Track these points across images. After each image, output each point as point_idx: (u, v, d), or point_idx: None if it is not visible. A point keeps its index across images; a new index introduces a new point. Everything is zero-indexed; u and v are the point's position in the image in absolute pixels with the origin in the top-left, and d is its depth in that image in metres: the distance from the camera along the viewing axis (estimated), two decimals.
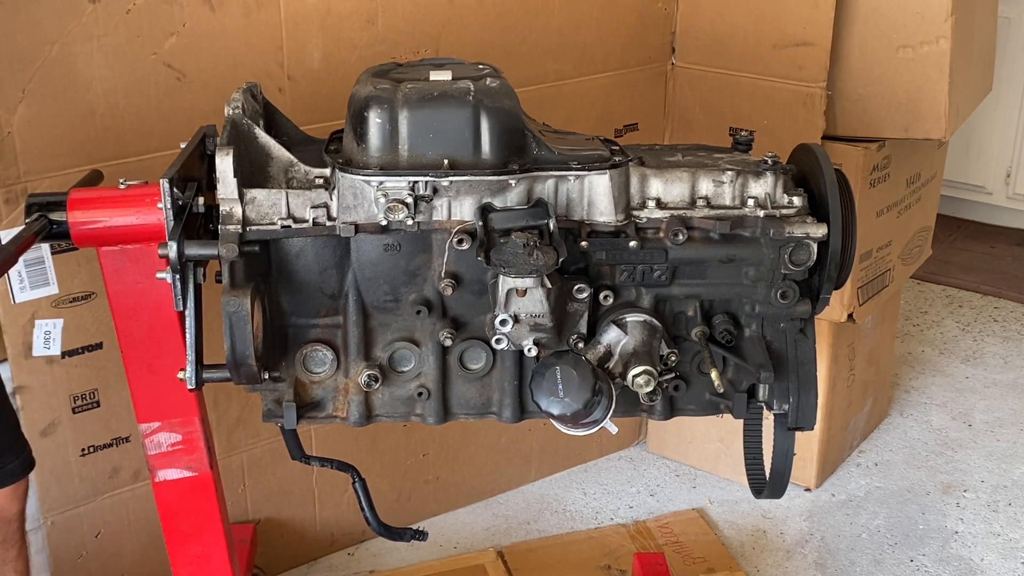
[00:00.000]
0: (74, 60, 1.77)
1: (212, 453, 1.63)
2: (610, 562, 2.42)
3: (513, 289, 1.39)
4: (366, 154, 1.40)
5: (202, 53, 1.88)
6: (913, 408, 3.07)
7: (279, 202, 1.41)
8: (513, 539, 2.50)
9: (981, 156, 4.09)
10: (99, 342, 1.94)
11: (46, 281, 1.86)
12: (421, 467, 2.50)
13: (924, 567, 2.43)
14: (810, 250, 1.48)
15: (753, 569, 2.42)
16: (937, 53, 2.18)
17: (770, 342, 1.54)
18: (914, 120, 2.27)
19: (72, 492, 2.02)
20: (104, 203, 1.46)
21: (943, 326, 3.53)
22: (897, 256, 2.63)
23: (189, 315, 1.39)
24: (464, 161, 1.40)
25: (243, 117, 1.45)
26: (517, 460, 2.66)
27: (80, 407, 1.97)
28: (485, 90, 1.42)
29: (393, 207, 1.38)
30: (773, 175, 1.49)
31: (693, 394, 1.57)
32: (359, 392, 1.52)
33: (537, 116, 1.55)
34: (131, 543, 2.12)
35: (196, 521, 1.64)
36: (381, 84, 1.43)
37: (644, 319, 1.49)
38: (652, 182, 1.48)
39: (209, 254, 1.36)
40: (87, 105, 1.81)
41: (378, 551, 2.44)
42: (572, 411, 1.38)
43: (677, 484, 2.72)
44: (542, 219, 1.42)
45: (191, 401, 1.57)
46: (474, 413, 1.56)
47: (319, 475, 2.34)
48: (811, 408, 1.52)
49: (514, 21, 2.24)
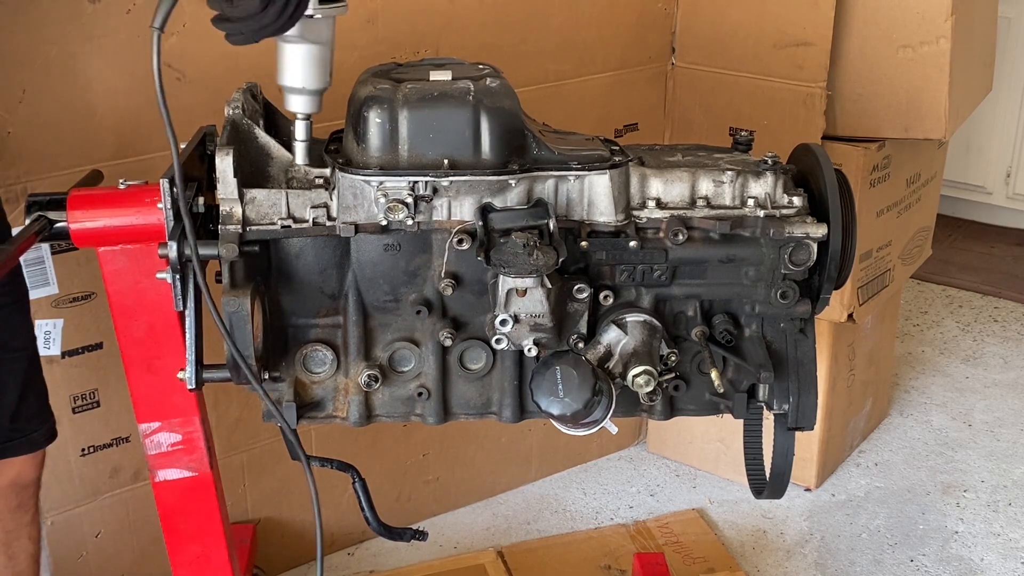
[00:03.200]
0: (74, 60, 1.77)
1: (212, 453, 1.63)
2: (610, 562, 2.42)
3: (513, 289, 1.39)
4: (366, 154, 1.40)
5: (202, 53, 1.88)
6: (913, 408, 3.07)
7: (279, 202, 1.41)
8: (513, 539, 2.50)
9: (981, 156, 4.09)
10: (99, 342, 1.94)
11: (46, 281, 1.86)
12: (421, 467, 2.50)
13: (924, 567, 2.43)
14: (810, 250, 1.48)
15: (753, 569, 2.42)
16: (937, 53, 2.18)
17: (770, 342, 1.54)
18: (914, 120, 2.27)
19: (72, 492, 2.02)
20: (104, 203, 1.46)
21: (943, 326, 3.53)
22: (897, 256, 2.63)
23: (189, 315, 1.39)
24: (464, 161, 1.40)
25: (243, 117, 1.45)
26: (517, 460, 2.66)
27: (80, 407, 1.97)
28: (485, 90, 1.42)
29: (393, 207, 1.38)
30: (773, 175, 1.49)
31: (693, 394, 1.57)
32: (359, 392, 1.52)
33: (537, 116, 1.55)
34: (131, 543, 2.12)
35: (196, 521, 1.64)
36: (381, 84, 1.43)
37: (644, 319, 1.49)
38: (652, 182, 1.48)
39: (209, 254, 1.36)
40: (87, 105, 1.81)
41: (378, 551, 2.44)
42: (572, 411, 1.38)
43: (677, 484, 2.72)
44: (542, 219, 1.42)
45: (191, 401, 1.57)
46: (474, 413, 1.56)
47: (319, 475, 2.33)
48: (811, 408, 1.52)
49: (514, 21, 2.24)
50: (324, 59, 1.41)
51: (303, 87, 1.42)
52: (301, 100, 1.43)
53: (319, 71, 1.42)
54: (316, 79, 1.42)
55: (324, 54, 1.41)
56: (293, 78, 1.41)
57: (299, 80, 1.41)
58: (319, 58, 1.41)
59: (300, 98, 1.43)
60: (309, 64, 1.40)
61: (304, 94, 1.42)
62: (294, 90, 1.42)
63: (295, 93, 1.43)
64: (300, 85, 1.42)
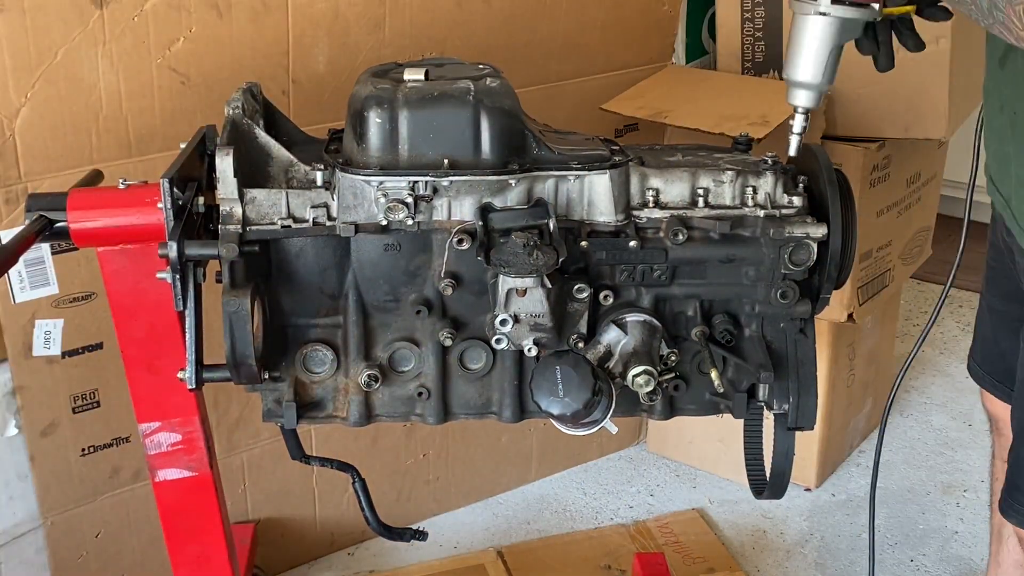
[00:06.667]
0: (79, 65, 1.77)
1: (212, 453, 1.63)
2: (610, 562, 2.42)
3: (513, 289, 1.39)
4: (366, 154, 1.40)
5: (207, 58, 1.88)
6: (913, 408, 3.07)
7: (279, 202, 1.41)
8: (513, 539, 2.50)
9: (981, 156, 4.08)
10: (99, 342, 1.94)
11: (46, 281, 1.86)
12: (421, 467, 2.50)
13: (924, 567, 2.43)
14: (810, 250, 1.48)
15: (753, 569, 2.42)
16: (937, 53, 2.18)
17: (770, 342, 1.54)
18: (914, 120, 2.27)
19: (72, 492, 2.02)
20: (104, 203, 1.46)
21: (943, 326, 3.53)
22: (897, 256, 2.63)
23: (189, 315, 1.39)
24: (464, 161, 1.40)
25: (243, 117, 1.45)
26: (517, 460, 2.66)
27: (80, 407, 1.97)
28: (485, 90, 1.42)
29: (393, 207, 1.38)
30: (773, 175, 1.49)
31: (693, 394, 1.57)
32: (359, 392, 1.52)
33: (539, 116, 1.55)
34: (131, 543, 2.12)
35: (196, 521, 1.64)
36: (381, 84, 1.43)
37: (644, 319, 1.49)
38: (652, 182, 1.48)
39: (209, 254, 1.36)
40: (90, 108, 1.81)
41: (378, 551, 2.44)
42: (572, 411, 1.38)
43: (677, 484, 2.72)
44: (542, 219, 1.42)
45: (191, 401, 1.57)
46: (474, 413, 1.56)
47: (319, 475, 2.34)
48: (811, 408, 1.52)
49: (520, 24, 2.24)
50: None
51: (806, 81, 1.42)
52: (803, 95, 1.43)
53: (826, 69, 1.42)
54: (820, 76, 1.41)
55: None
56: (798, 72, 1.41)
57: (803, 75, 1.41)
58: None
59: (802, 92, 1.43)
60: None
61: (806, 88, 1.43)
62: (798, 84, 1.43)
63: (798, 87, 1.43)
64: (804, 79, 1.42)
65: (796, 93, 1.44)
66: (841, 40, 1.39)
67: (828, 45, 1.39)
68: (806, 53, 1.39)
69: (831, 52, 1.39)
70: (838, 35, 1.38)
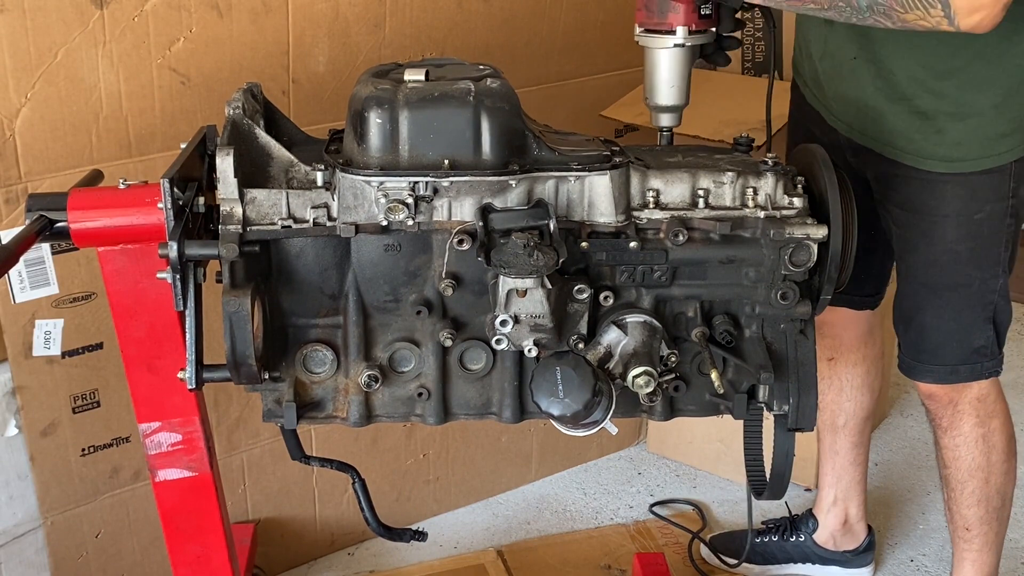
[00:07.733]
0: (79, 65, 1.77)
1: (212, 453, 1.63)
2: (610, 562, 2.42)
3: (513, 290, 1.39)
4: (366, 154, 1.40)
5: (207, 58, 1.88)
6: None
7: (279, 202, 1.41)
8: (513, 539, 2.50)
9: None
10: (99, 342, 1.94)
11: (46, 281, 1.86)
12: (421, 467, 2.50)
13: (924, 567, 2.43)
14: (810, 251, 1.48)
15: None
16: None
17: (770, 343, 1.53)
18: None
19: (72, 492, 2.02)
20: (104, 203, 1.46)
21: None
22: None
23: (189, 315, 1.39)
24: (464, 161, 1.40)
25: (243, 117, 1.45)
26: (517, 460, 2.66)
27: (80, 407, 1.97)
28: (486, 91, 1.42)
29: (393, 207, 1.38)
30: (773, 176, 1.49)
31: (693, 395, 1.57)
32: (359, 392, 1.52)
33: (539, 116, 1.55)
34: (131, 543, 2.13)
35: (196, 521, 1.64)
36: (381, 84, 1.43)
37: (644, 320, 1.49)
38: (652, 183, 1.48)
39: (209, 254, 1.36)
40: (90, 108, 1.81)
41: (378, 551, 2.44)
42: (572, 412, 1.38)
43: (677, 484, 2.72)
44: (542, 219, 1.42)
45: (191, 401, 1.57)
46: (474, 413, 1.56)
47: (319, 475, 2.34)
48: (811, 409, 1.52)
49: (520, 25, 2.24)
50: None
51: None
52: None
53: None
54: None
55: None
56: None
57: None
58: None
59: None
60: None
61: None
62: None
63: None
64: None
65: (662, 117, 1.67)
66: (694, 63, 1.63)
67: (687, 69, 1.63)
68: (669, 80, 1.63)
69: (688, 75, 1.63)
70: (692, 59, 1.63)
